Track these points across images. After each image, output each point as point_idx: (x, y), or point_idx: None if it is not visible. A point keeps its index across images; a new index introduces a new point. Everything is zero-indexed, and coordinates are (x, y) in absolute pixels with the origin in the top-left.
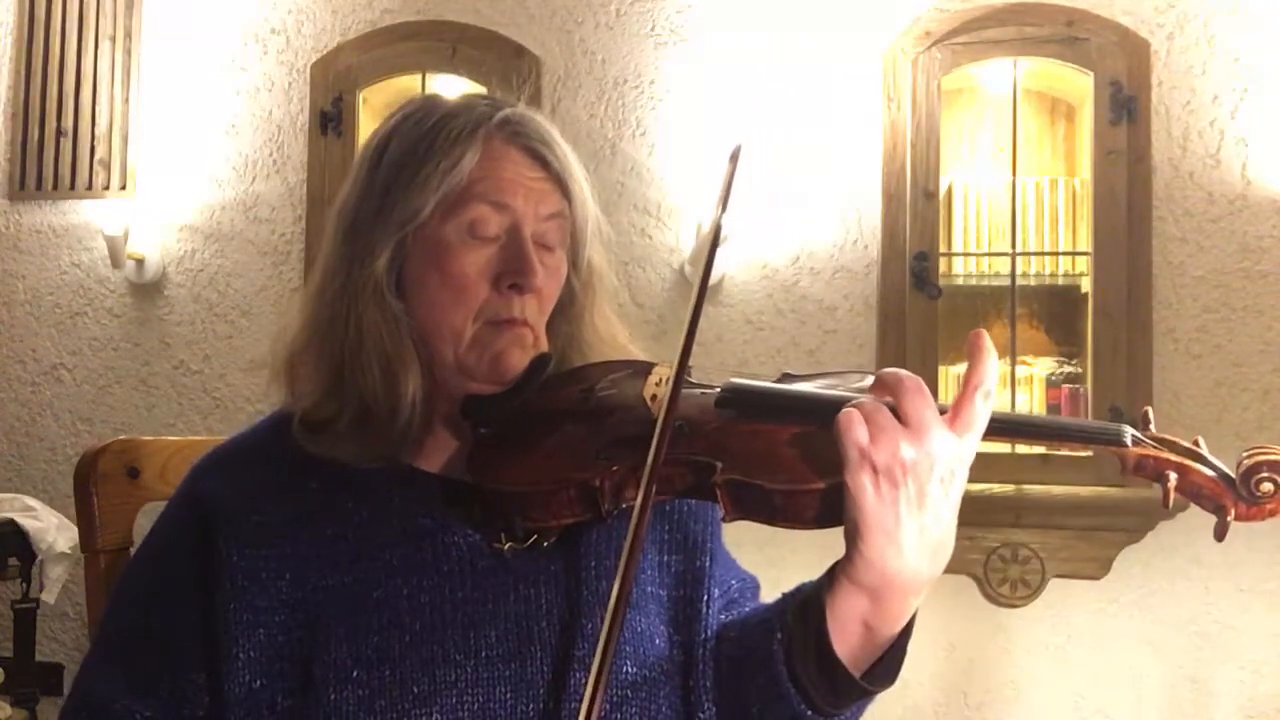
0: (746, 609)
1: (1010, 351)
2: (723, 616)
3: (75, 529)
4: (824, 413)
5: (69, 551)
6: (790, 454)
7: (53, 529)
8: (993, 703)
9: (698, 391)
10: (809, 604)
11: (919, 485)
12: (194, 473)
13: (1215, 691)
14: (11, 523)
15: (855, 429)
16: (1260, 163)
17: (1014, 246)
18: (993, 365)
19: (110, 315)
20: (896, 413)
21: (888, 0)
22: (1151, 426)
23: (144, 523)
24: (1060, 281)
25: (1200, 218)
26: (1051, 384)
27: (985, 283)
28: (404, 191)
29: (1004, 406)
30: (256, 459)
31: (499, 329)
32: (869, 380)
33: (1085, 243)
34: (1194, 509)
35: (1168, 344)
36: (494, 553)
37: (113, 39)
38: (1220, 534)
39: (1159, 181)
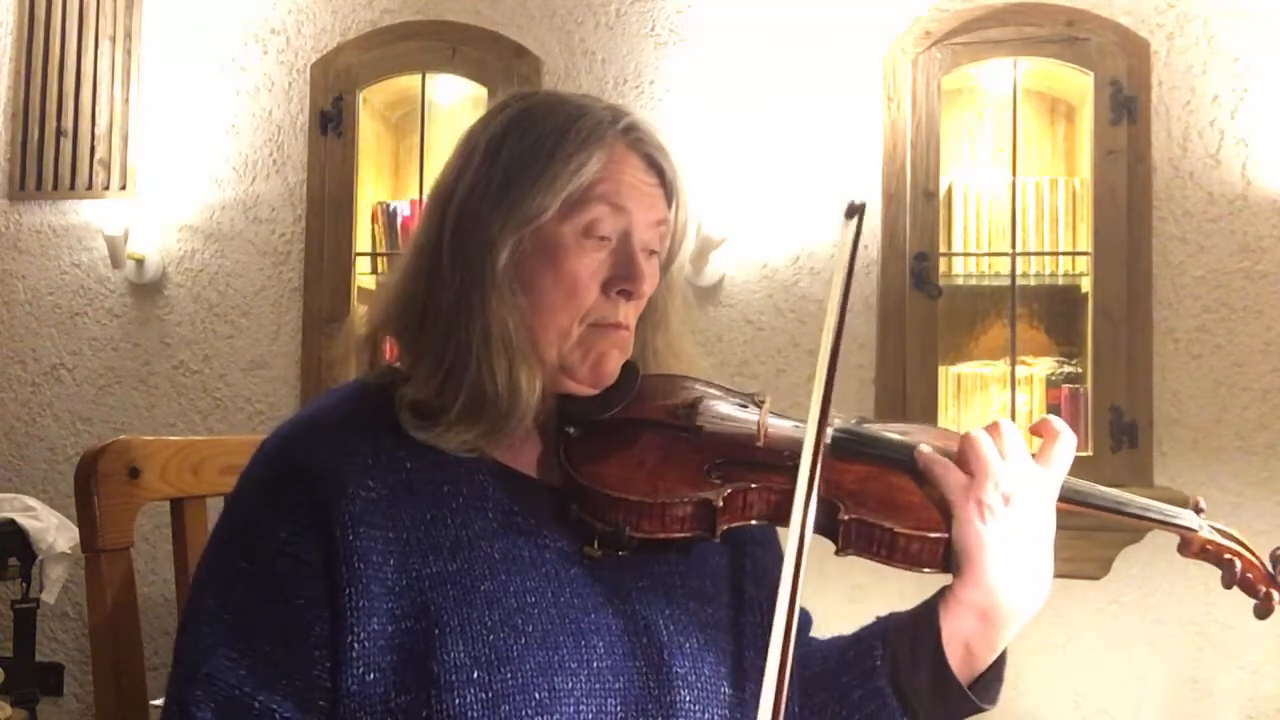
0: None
1: (1010, 351)
2: None
3: (75, 529)
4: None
5: (69, 551)
6: (915, 500)
7: (53, 529)
8: None
9: (790, 424)
10: (918, 622)
11: (1017, 512)
12: (283, 441)
13: (1215, 691)
14: (11, 523)
15: (953, 473)
16: (1260, 163)
17: (1014, 246)
18: (1061, 422)
19: (110, 315)
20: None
21: (888, 0)
22: (1203, 514)
23: (144, 522)
24: (1060, 281)
25: (1200, 218)
26: (1051, 384)
27: (985, 283)
28: (530, 187)
29: (1003, 407)
30: (356, 429)
31: (604, 332)
32: (950, 433)
33: (1085, 243)
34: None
35: (1168, 344)
36: (584, 558)
37: (113, 39)
38: (1264, 614)
39: (1159, 181)
